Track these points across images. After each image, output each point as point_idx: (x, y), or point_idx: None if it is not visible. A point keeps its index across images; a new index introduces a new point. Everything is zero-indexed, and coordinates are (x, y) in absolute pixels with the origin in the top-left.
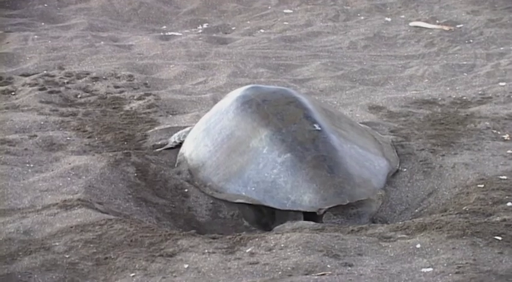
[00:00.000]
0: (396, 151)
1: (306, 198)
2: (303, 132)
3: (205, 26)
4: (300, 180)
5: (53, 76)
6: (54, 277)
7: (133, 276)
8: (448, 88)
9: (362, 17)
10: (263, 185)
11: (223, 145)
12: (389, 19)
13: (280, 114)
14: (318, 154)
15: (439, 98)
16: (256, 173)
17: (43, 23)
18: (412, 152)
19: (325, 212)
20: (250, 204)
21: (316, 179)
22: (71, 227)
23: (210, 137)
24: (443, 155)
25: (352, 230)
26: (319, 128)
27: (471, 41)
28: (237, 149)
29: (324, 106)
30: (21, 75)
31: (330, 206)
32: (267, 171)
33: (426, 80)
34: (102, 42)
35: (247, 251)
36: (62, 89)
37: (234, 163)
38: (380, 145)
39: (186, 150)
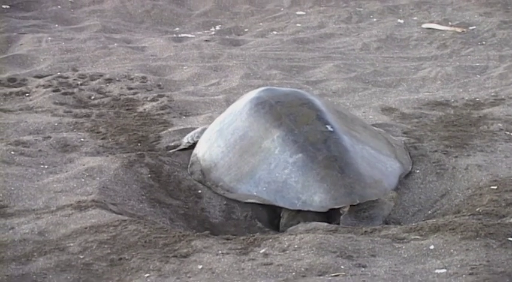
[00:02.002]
0: (409, 153)
1: (317, 198)
2: (315, 133)
3: (218, 27)
4: (310, 180)
5: (67, 78)
6: (68, 278)
7: (147, 277)
8: (461, 90)
9: (374, 19)
10: (274, 185)
11: (236, 146)
12: (401, 21)
13: (292, 115)
14: (330, 154)
15: (452, 100)
16: (268, 173)
17: (56, 25)
18: (425, 154)
19: (341, 212)
20: (263, 204)
21: (327, 179)
22: (85, 228)
23: (223, 137)
24: (456, 157)
25: (366, 231)
26: (332, 129)
27: (484, 42)
28: (249, 150)
29: (337, 108)
30: (35, 77)
31: (341, 206)
32: (279, 171)
33: (439, 82)
34: (115, 44)
35: (261, 252)
36: (75, 90)
37: (246, 163)
38: (393, 148)
39: (199, 150)
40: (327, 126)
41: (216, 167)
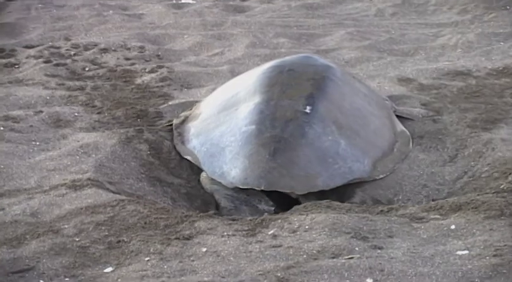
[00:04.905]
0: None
1: (233, 173)
2: (287, 109)
3: None
4: (241, 154)
5: (59, 48)
6: (63, 261)
7: (148, 260)
8: (483, 58)
9: None
10: (214, 149)
11: (223, 102)
12: None
13: (287, 86)
14: (278, 134)
15: (474, 69)
16: (219, 136)
17: None
18: (444, 127)
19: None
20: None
21: (254, 157)
22: (81, 209)
23: (221, 94)
24: (478, 130)
25: (382, 211)
26: (308, 111)
27: (508, 7)
28: (228, 109)
29: (360, 92)
30: (24, 47)
31: (245, 187)
32: (227, 137)
33: (459, 50)
34: (110, 11)
35: (270, 233)
36: (68, 61)
37: (215, 121)
38: (389, 149)
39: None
40: (308, 107)
41: (195, 118)
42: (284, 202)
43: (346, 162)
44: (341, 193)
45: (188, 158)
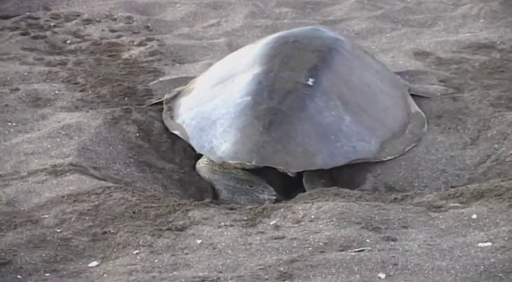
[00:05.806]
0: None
1: (223, 147)
2: (288, 81)
3: None
4: (233, 127)
5: (37, 18)
6: (43, 255)
7: (136, 253)
8: (509, 29)
9: None
10: (205, 122)
11: (220, 76)
12: None
13: (289, 58)
14: (275, 106)
15: (498, 42)
16: (211, 109)
17: None
18: (465, 106)
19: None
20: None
21: (247, 130)
22: (62, 197)
23: (218, 68)
24: (502, 109)
25: (396, 198)
26: (311, 84)
27: None
28: (225, 82)
29: (370, 67)
30: None
31: (236, 162)
32: (220, 110)
33: (482, 20)
34: None
35: (272, 223)
36: (48, 33)
37: (208, 95)
38: (401, 131)
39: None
40: (310, 79)
41: (188, 92)
42: (289, 194)
43: (350, 140)
44: (350, 179)
45: (176, 132)
